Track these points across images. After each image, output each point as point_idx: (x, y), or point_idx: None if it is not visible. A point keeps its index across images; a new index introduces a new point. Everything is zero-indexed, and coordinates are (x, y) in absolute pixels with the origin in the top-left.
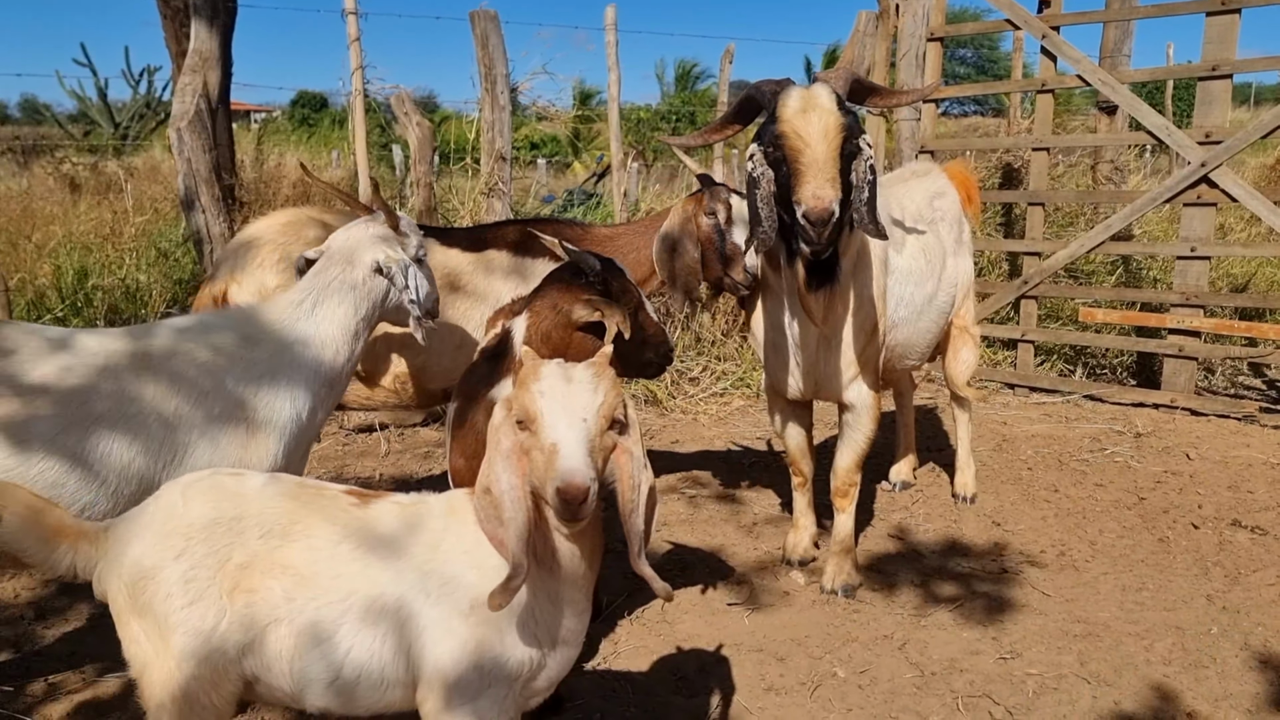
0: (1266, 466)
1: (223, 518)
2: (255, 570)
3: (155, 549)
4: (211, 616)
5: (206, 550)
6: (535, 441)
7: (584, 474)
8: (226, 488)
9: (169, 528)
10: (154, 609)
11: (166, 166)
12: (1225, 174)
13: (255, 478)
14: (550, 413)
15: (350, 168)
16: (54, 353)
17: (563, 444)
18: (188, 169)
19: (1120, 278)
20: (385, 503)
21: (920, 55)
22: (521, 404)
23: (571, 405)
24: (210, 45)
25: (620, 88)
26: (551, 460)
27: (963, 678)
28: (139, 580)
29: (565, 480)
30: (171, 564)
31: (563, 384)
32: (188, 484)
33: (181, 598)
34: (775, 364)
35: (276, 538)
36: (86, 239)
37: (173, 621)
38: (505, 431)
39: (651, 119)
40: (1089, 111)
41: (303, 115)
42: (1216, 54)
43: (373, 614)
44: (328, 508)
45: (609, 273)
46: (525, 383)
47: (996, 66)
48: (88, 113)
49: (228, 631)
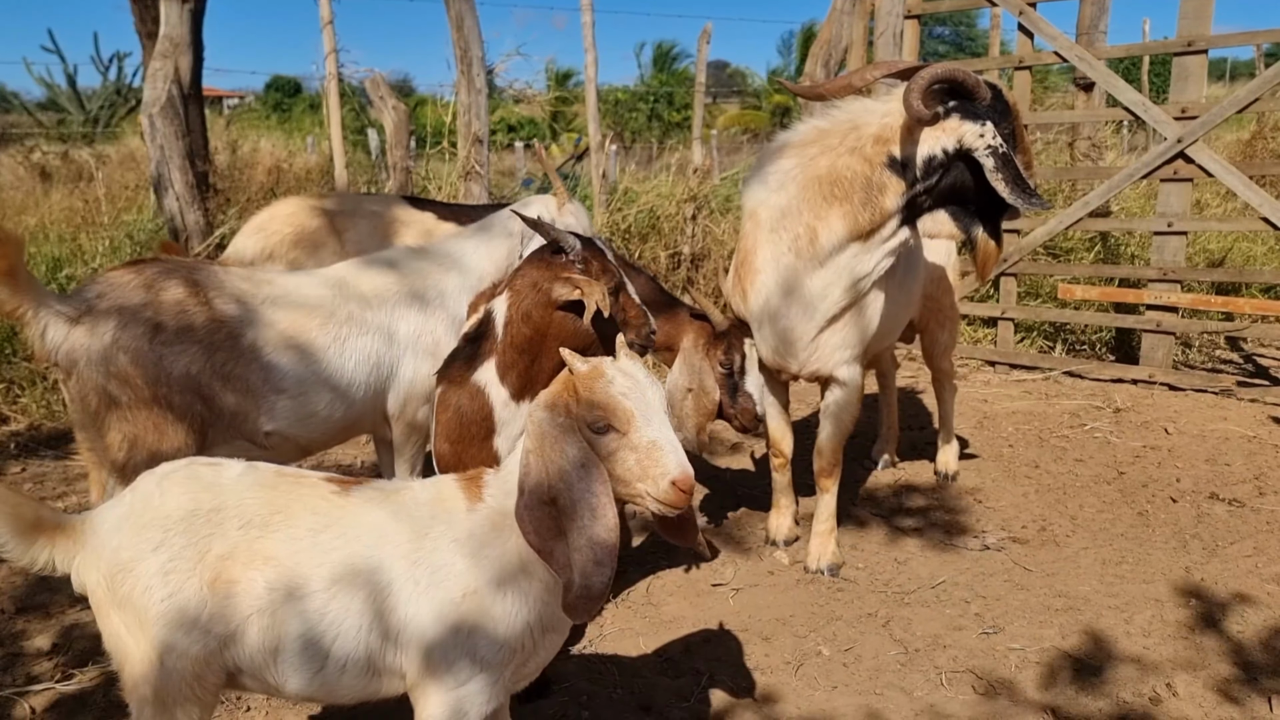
0: (1243, 440)
1: (201, 509)
2: (236, 561)
3: (133, 541)
4: (192, 609)
5: (185, 542)
6: (625, 441)
7: (689, 465)
8: (204, 478)
9: (146, 519)
10: (133, 601)
11: (139, 153)
12: (1201, 149)
13: (233, 467)
14: (641, 412)
15: (325, 153)
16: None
17: (662, 440)
18: (160, 156)
19: (1098, 254)
20: (368, 489)
21: (898, 33)
22: (604, 407)
23: (652, 402)
24: (181, 30)
25: (597, 69)
26: (654, 457)
27: (946, 653)
28: (117, 573)
29: (682, 473)
30: (150, 556)
31: (634, 382)
32: (164, 474)
33: (161, 590)
34: (771, 334)
35: (256, 528)
36: (59, 228)
37: (152, 614)
38: (570, 440)
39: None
40: (1066, 88)
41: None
42: (1192, 30)
43: (357, 603)
44: (308, 496)
45: (589, 251)
46: (596, 385)
47: (974, 44)
48: (57, 100)
49: (209, 623)
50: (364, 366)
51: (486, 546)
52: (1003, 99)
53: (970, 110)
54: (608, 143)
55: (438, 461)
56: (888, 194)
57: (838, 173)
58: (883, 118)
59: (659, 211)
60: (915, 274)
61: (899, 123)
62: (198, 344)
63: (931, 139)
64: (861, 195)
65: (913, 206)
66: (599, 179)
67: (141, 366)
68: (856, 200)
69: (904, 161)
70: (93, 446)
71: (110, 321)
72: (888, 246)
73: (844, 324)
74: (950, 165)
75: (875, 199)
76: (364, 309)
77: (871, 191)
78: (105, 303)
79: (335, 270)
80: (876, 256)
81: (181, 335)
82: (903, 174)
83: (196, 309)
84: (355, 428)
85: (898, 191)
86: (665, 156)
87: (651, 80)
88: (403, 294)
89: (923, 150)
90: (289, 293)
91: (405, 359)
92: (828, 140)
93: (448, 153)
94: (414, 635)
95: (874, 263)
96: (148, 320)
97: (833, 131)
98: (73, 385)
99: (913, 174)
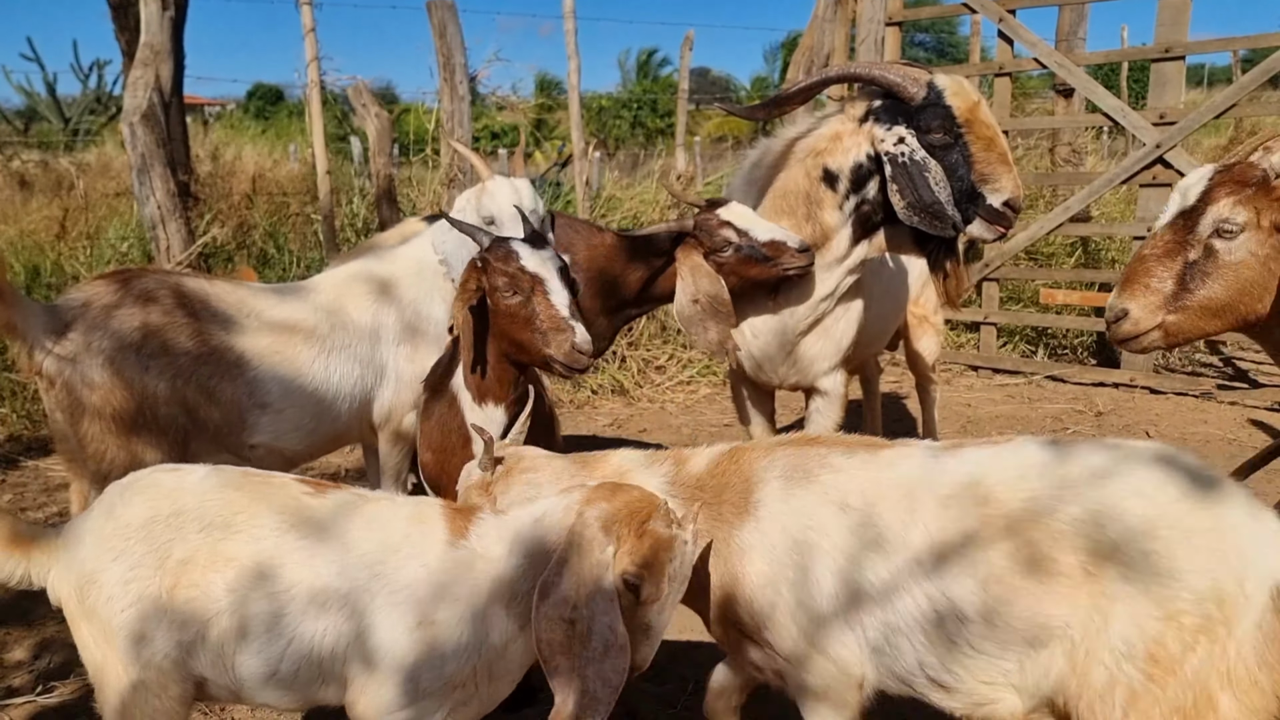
0: (1224, 442)
1: (160, 514)
2: (197, 565)
3: (95, 552)
4: (154, 617)
5: (145, 549)
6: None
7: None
8: (163, 484)
9: (108, 530)
10: (99, 613)
11: (119, 162)
12: (1180, 155)
13: (195, 471)
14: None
15: (308, 161)
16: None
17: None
18: (141, 164)
19: (1079, 259)
20: (343, 494)
21: (879, 40)
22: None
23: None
24: (161, 38)
25: (580, 76)
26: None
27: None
28: (84, 585)
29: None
30: (111, 566)
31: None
32: (127, 484)
33: (122, 599)
34: (756, 347)
35: (218, 529)
36: (38, 237)
37: (115, 624)
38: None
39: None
40: (1046, 94)
41: (258, 108)
42: (1169, 36)
43: (315, 607)
44: (275, 496)
45: (492, 252)
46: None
47: (956, 50)
48: (36, 108)
49: (172, 631)
50: (349, 379)
51: (455, 585)
52: (940, 102)
53: (890, 112)
54: (591, 150)
55: (423, 470)
56: (825, 208)
57: (785, 187)
58: (822, 127)
59: (643, 218)
60: (902, 280)
61: (830, 131)
62: (182, 356)
63: (855, 146)
64: (804, 210)
65: (865, 221)
66: (583, 186)
67: (125, 378)
68: (800, 215)
69: (835, 173)
70: (74, 457)
71: (95, 333)
72: (845, 265)
73: (819, 336)
74: (879, 174)
75: (815, 213)
76: (347, 321)
77: (811, 206)
78: (89, 314)
79: (318, 281)
80: (836, 276)
81: (166, 348)
82: (834, 186)
83: (182, 321)
84: (342, 438)
85: (834, 205)
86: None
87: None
88: (385, 304)
89: (850, 160)
90: (274, 306)
91: (390, 368)
92: (791, 151)
93: (431, 160)
94: (363, 649)
95: (833, 282)
96: (132, 332)
97: (797, 141)
98: (55, 395)
99: (845, 185)
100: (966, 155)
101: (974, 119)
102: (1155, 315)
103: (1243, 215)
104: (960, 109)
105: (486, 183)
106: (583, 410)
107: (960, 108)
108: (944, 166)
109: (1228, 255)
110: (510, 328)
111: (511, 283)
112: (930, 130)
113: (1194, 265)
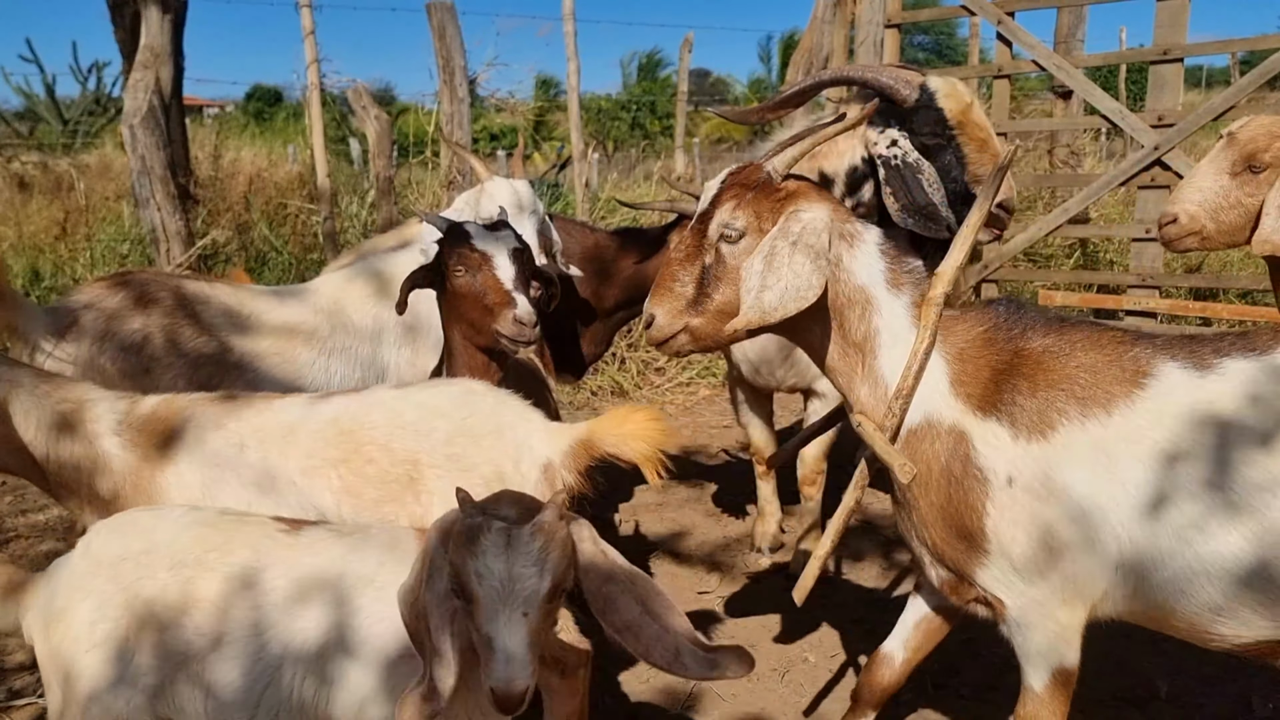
0: None
1: (130, 552)
2: (163, 605)
3: (65, 590)
4: (116, 659)
5: (114, 588)
6: (472, 623)
7: (523, 680)
8: (139, 523)
9: (80, 568)
10: (63, 652)
11: (118, 164)
12: (1178, 157)
13: (173, 511)
14: (488, 602)
15: (307, 162)
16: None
17: (500, 644)
18: (141, 166)
19: (1078, 260)
20: (319, 531)
21: (878, 42)
22: (457, 575)
23: (513, 597)
24: (161, 40)
25: (580, 77)
26: (487, 658)
27: (930, 659)
28: (51, 623)
29: (502, 689)
30: (78, 605)
31: (504, 565)
32: (106, 523)
33: (87, 640)
34: (754, 350)
35: (189, 568)
36: (37, 239)
37: (77, 667)
38: (438, 576)
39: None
40: (1044, 96)
41: (257, 110)
42: (1168, 38)
43: (290, 656)
44: (250, 535)
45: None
46: (461, 551)
47: (955, 52)
48: (35, 109)
49: (134, 675)
50: (349, 381)
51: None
52: (933, 104)
53: (883, 114)
54: (590, 151)
55: None
56: None
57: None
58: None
59: (641, 220)
60: None
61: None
62: (183, 358)
63: (850, 150)
64: None
65: None
66: (582, 188)
67: (126, 380)
68: None
69: (831, 177)
70: None
71: (96, 335)
72: None
73: None
74: (873, 177)
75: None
76: (347, 323)
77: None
78: (90, 315)
79: (318, 283)
80: None
81: (167, 350)
82: (829, 190)
83: (183, 323)
84: None
85: None
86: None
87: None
88: (385, 305)
89: (844, 163)
90: (274, 308)
91: (391, 370)
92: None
93: (430, 161)
94: (344, 688)
95: None
96: (133, 334)
97: None
98: None
99: (840, 189)
100: (960, 157)
101: (966, 121)
102: (679, 319)
103: (742, 220)
104: (952, 111)
105: (486, 184)
106: (583, 411)
107: (952, 110)
108: (938, 168)
109: (733, 260)
110: (463, 307)
111: (461, 261)
112: (923, 132)
113: (709, 269)
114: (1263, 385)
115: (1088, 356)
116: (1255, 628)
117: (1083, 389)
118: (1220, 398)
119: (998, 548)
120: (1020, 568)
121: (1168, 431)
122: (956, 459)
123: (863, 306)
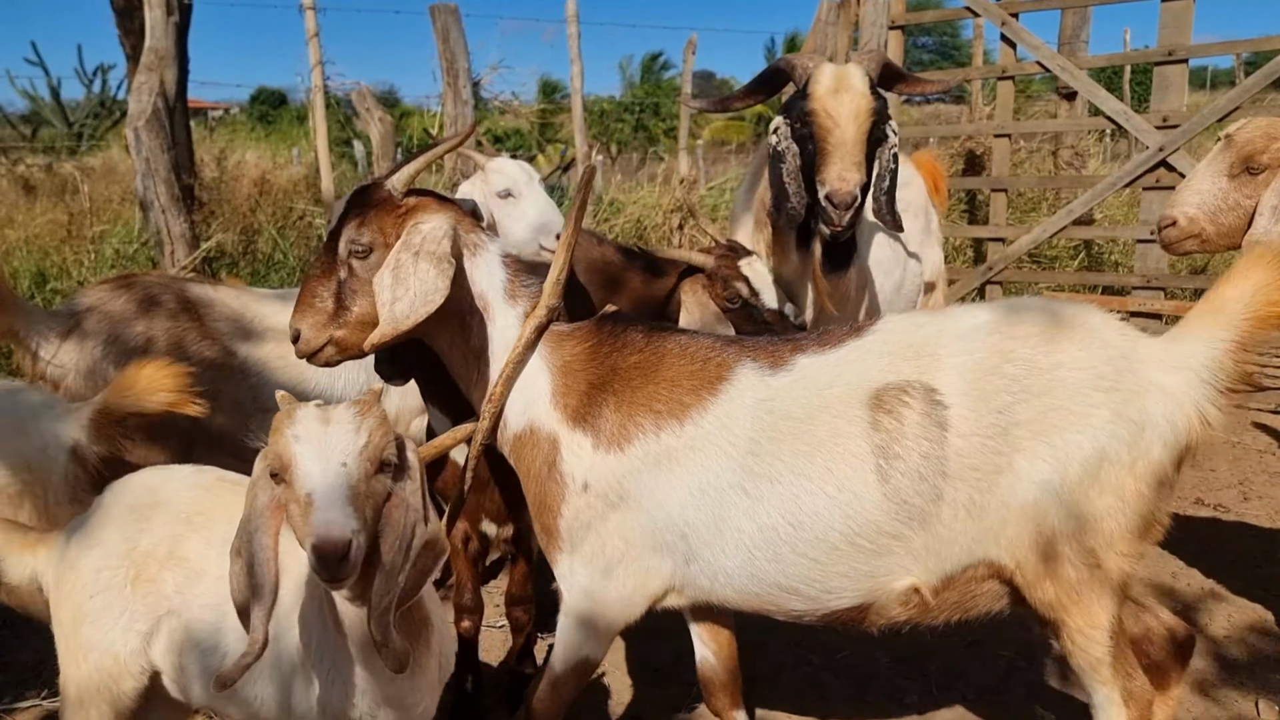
0: (1227, 445)
1: (139, 504)
2: (155, 559)
3: (79, 540)
4: (115, 607)
5: (118, 537)
6: (291, 493)
7: (342, 526)
8: (151, 480)
9: (95, 519)
10: (72, 599)
11: (123, 166)
12: (1183, 158)
13: (183, 469)
14: (305, 458)
15: (311, 165)
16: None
17: (318, 493)
18: (146, 169)
19: (1083, 262)
20: None
21: (882, 43)
22: (275, 451)
23: (329, 449)
24: (166, 43)
25: (583, 80)
26: (306, 512)
27: (935, 661)
28: (64, 572)
29: (320, 535)
30: (87, 554)
31: (319, 426)
32: (120, 481)
33: (92, 586)
34: None
35: (180, 525)
36: (43, 241)
37: (83, 611)
38: (262, 486)
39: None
40: (1049, 97)
41: (261, 112)
42: (1172, 39)
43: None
44: (235, 504)
45: None
46: (279, 428)
47: (958, 54)
48: (40, 112)
49: (129, 622)
50: (354, 383)
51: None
52: (804, 90)
53: (789, 103)
54: (594, 153)
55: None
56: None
57: (761, 196)
58: None
59: (645, 221)
60: (910, 280)
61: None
62: (186, 361)
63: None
64: (760, 213)
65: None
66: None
67: None
68: (762, 217)
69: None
70: None
71: (100, 337)
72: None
73: None
74: None
75: (767, 217)
76: None
77: (765, 209)
78: (94, 317)
79: None
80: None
81: (170, 352)
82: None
83: (186, 326)
84: None
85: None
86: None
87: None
88: None
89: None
90: (278, 310)
91: None
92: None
93: (434, 164)
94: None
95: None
96: (136, 337)
97: None
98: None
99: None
100: (811, 146)
101: (818, 108)
102: (323, 332)
103: (368, 236)
104: (812, 96)
105: (487, 164)
106: None
107: (812, 95)
108: (803, 157)
109: (365, 274)
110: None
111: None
112: (794, 120)
113: (345, 284)
114: (815, 376)
115: (673, 370)
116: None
117: (662, 403)
118: (778, 394)
119: (569, 544)
120: (585, 564)
121: (730, 433)
122: (546, 463)
123: (482, 315)
